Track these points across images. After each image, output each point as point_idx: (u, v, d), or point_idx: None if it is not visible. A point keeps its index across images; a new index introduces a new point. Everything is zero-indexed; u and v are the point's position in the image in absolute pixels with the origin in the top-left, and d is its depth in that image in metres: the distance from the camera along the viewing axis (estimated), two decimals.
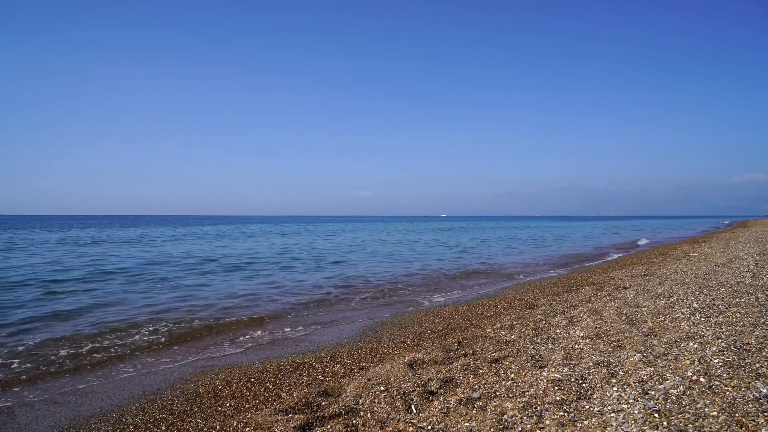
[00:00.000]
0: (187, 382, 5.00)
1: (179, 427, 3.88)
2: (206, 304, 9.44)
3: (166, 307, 9.02)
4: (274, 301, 9.90)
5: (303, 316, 8.47)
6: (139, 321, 7.86)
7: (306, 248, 24.60)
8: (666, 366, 3.79)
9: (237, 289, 11.20)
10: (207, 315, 8.39)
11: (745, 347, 4.02)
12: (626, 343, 4.61)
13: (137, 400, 4.55)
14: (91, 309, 8.83)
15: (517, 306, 8.18)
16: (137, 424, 3.97)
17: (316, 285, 12.05)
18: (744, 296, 6.33)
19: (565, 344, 4.90)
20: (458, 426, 3.20)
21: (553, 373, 3.96)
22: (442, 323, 7.24)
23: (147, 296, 10.24)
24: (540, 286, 10.72)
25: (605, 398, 3.31)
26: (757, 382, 3.25)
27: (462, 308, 8.44)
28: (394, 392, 3.92)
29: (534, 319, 6.57)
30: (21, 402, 4.65)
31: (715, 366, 3.63)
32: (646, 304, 6.58)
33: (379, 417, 3.51)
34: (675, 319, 5.46)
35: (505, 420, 3.18)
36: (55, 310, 8.69)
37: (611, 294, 8.15)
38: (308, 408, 3.81)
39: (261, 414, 3.81)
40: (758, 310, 5.42)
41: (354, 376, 4.77)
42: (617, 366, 3.95)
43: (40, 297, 10.01)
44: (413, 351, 5.59)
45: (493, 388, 3.80)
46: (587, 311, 6.64)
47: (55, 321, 7.90)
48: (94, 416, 4.22)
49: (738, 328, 4.67)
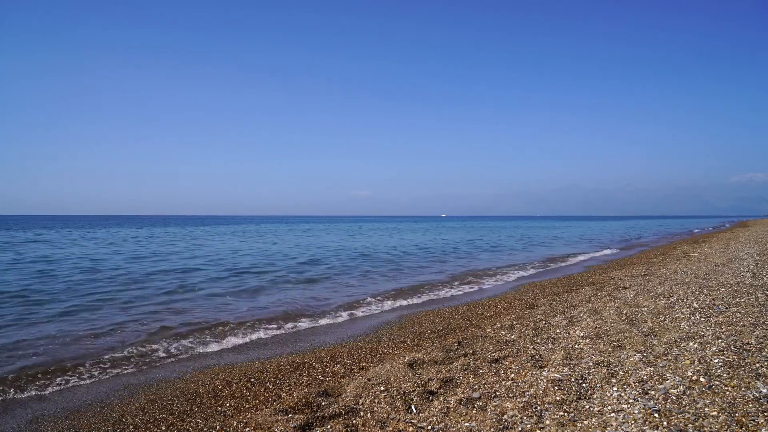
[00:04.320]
0: (187, 382, 5.00)
1: (179, 427, 3.88)
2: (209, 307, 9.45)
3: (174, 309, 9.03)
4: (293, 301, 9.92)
5: (303, 316, 8.48)
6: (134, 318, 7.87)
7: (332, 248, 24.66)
8: (666, 366, 3.79)
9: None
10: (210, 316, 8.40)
11: (745, 347, 4.02)
12: (626, 343, 4.61)
13: (137, 400, 4.55)
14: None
15: (517, 306, 8.18)
16: (137, 424, 3.97)
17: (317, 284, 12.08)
18: (744, 296, 6.33)
19: (565, 344, 4.90)
20: (458, 426, 3.20)
21: (553, 373, 3.96)
22: (442, 323, 7.24)
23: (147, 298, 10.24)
24: (540, 285, 10.72)
25: (605, 398, 3.31)
26: (757, 382, 3.25)
27: (462, 308, 8.45)
28: (394, 392, 3.92)
29: (534, 319, 6.57)
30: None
31: (715, 366, 3.64)
32: (646, 304, 6.58)
33: (379, 417, 3.51)
34: (675, 319, 5.47)
35: (505, 420, 3.18)
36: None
37: (611, 294, 8.14)
38: (308, 408, 3.81)
39: (261, 414, 3.81)
40: (758, 310, 5.42)
41: (354, 376, 4.77)
42: (617, 366, 3.95)
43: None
44: (413, 351, 5.59)
45: (493, 388, 3.80)
46: (587, 311, 6.64)
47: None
48: (94, 416, 4.22)
49: (738, 328, 4.67)
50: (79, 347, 6.45)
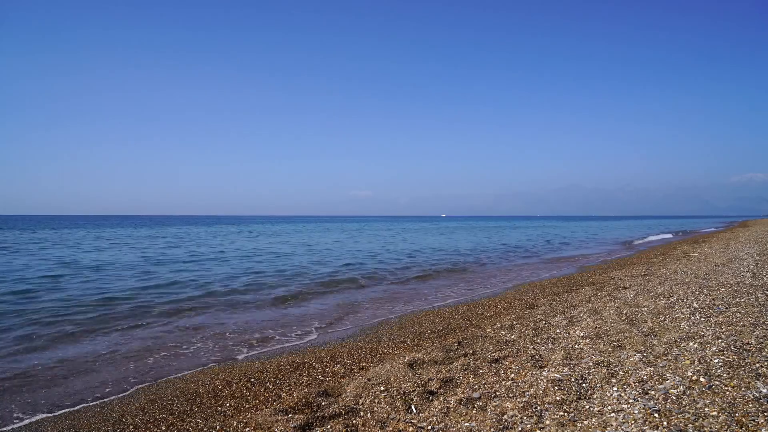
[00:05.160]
0: (187, 382, 5.00)
1: (179, 427, 3.88)
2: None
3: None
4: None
5: (304, 315, 8.48)
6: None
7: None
8: (666, 366, 3.79)
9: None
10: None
11: (745, 347, 4.02)
12: (626, 343, 4.61)
13: (137, 400, 4.55)
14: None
15: (517, 306, 8.17)
16: (137, 424, 3.97)
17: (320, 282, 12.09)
18: (744, 296, 6.33)
19: (565, 344, 4.89)
20: (458, 426, 3.20)
21: (553, 373, 3.96)
22: (442, 323, 7.24)
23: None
24: (540, 286, 10.73)
25: (605, 398, 3.31)
26: (757, 382, 3.25)
27: (462, 308, 8.45)
28: (394, 392, 3.92)
29: (534, 319, 6.57)
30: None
31: (715, 366, 3.63)
32: (646, 304, 6.58)
33: (379, 417, 3.51)
34: (675, 319, 5.46)
35: (505, 420, 3.18)
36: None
37: (611, 294, 8.14)
38: (308, 408, 3.81)
39: (261, 414, 3.82)
40: (758, 310, 5.42)
41: (354, 376, 4.77)
42: (617, 366, 3.95)
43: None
44: (413, 351, 5.59)
45: (493, 388, 3.80)
46: (587, 311, 6.64)
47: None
48: (94, 416, 4.22)
49: (738, 328, 4.66)
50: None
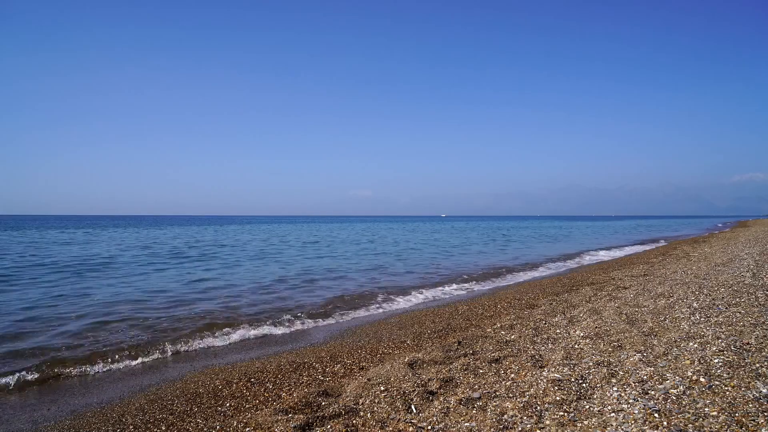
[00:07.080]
0: (187, 382, 5.00)
1: (179, 427, 3.88)
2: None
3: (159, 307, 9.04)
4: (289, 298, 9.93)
5: (305, 316, 8.49)
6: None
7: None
8: (666, 366, 3.78)
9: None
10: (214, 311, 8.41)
11: (745, 347, 4.02)
12: (626, 343, 4.61)
13: (137, 400, 4.55)
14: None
15: (517, 306, 8.17)
16: (137, 424, 3.97)
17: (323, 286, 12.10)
18: (744, 296, 6.32)
19: (565, 344, 4.89)
20: (458, 426, 3.20)
21: (553, 373, 3.96)
22: (442, 323, 7.24)
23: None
24: (540, 285, 10.73)
25: (605, 398, 3.31)
26: (757, 382, 3.25)
27: (462, 308, 8.45)
28: (394, 392, 3.92)
29: (534, 319, 6.57)
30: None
31: (715, 366, 3.63)
32: (646, 304, 6.58)
33: (379, 417, 3.51)
34: (675, 319, 5.46)
35: (505, 420, 3.18)
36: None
37: (611, 294, 8.14)
38: (308, 408, 3.81)
39: (261, 414, 3.81)
40: (758, 310, 5.42)
41: (354, 376, 4.77)
42: (617, 366, 3.95)
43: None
44: (413, 351, 5.59)
45: (493, 388, 3.80)
46: (587, 311, 6.63)
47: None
48: (94, 416, 4.22)
49: (738, 328, 4.66)
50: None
